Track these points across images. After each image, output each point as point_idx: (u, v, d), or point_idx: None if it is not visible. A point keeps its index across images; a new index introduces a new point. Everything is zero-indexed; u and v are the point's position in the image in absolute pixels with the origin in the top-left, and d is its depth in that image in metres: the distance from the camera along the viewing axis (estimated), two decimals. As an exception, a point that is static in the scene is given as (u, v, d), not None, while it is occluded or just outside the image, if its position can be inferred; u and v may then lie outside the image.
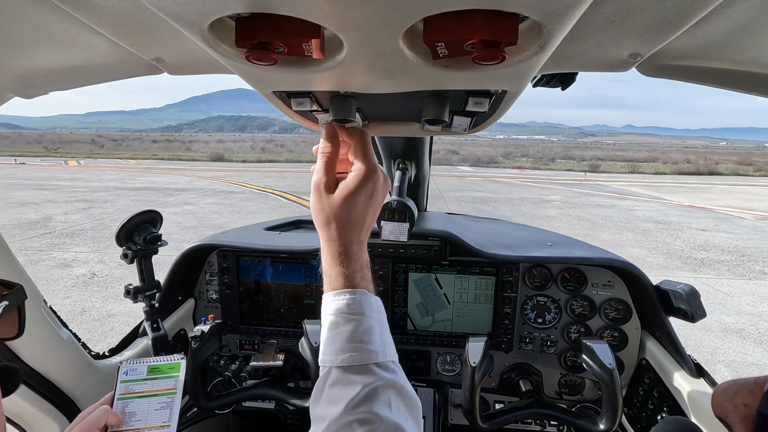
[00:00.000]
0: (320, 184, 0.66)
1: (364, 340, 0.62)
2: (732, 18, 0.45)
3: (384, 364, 0.62)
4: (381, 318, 0.66)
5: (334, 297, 0.65)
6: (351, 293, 0.64)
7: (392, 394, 0.59)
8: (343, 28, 0.38)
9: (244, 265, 1.65)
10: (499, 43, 0.38)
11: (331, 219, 0.66)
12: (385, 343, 0.64)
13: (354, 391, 0.58)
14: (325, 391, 0.61)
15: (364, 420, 0.56)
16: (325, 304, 0.66)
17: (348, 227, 0.66)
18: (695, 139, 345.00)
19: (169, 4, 0.35)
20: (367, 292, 0.65)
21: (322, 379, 0.62)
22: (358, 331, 0.62)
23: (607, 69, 0.60)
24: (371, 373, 0.60)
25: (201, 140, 67.44)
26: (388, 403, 0.58)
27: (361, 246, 0.68)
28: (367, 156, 0.67)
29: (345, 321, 0.63)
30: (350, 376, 0.60)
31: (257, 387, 1.46)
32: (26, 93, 0.72)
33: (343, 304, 0.63)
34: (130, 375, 0.83)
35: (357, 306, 0.63)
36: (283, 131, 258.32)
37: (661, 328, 1.37)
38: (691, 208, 12.90)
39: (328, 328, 0.64)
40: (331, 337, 0.63)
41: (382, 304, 0.68)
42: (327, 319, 0.65)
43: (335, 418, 0.57)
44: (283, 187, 15.70)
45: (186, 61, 0.65)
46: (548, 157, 39.53)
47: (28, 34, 0.55)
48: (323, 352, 0.64)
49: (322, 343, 0.65)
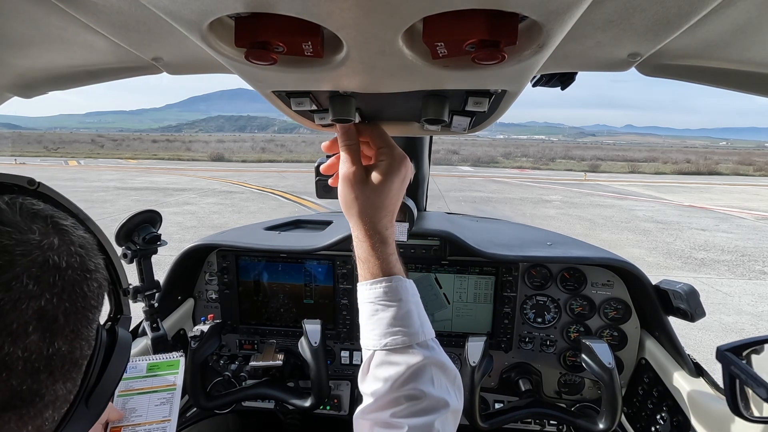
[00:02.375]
0: (351, 174, 0.69)
1: (404, 324, 0.65)
2: (732, 18, 0.45)
3: (424, 343, 0.66)
4: (416, 300, 0.69)
5: (371, 286, 0.68)
6: (387, 281, 0.67)
7: (434, 371, 0.64)
8: (342, 28, 0.38)
9: (244, 265, 1.65)
10: (499, 42, 0.38)
11: (367, 206, 0.69)
12: (423, 323, 0.68)
13: (399, 371, 0.63)
14: (371, 370, 0.66)
15: (410, 396, 0.61)
16: (363, 293, 0.69)
17: (382, 213, 0.69)
18: (695, 139, 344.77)
19: (168, 4, 0.35)
20: (402, 278, 0.69)
21: (366, 362, 0.67)
22: (397, 316, 0.65)
23: (607, 69, 0.60)
24: (413, 353, 0.64)
25: (201, 140, 67.52)
26: (431, 380, 0.63)
27: (392, 229, 0.72)
28: (393, 144, 0.71)
29: (384, 307, 0.66)
30: (394, 357, 0.64)
31: (257, 387, 1.46)
32: (25, 93, 0.72)
33: (380, 291, 0.67)
34: (130, 372, 0.83)
35: (394, 293, 0.67)
36: (283, 131, 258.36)
37: (660, 328, 1.37)
38: (691, 207, 12.90)
39: (368, 314, 0.68)
40: (372, 323, 0.67)
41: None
42: (366, 307, 0.68)
43: (383, 394, 0.63)
44: (283, 187, 15.70)
45: (185, 60, 0.65)
46: (548, 157, 39.55)
47: (28, 34, 0.55)
48: (365, 337, 0.68)
49: (364, 328, 0.69)
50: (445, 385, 0.64)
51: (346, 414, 1.66)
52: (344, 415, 1.66)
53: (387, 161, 0.69)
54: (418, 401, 0.60)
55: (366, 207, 0.68)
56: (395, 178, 0.69)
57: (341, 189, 0.70)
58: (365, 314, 0.69)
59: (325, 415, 1.67)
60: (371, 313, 0.67)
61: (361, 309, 0.70)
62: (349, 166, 0.69)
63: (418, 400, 0.61)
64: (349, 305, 1.63)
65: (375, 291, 0.67)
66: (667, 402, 1.24)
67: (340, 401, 1.67)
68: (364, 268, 0.69)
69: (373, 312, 0.67)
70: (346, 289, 1.62)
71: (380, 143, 0.71)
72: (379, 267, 0.68)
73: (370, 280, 0.68)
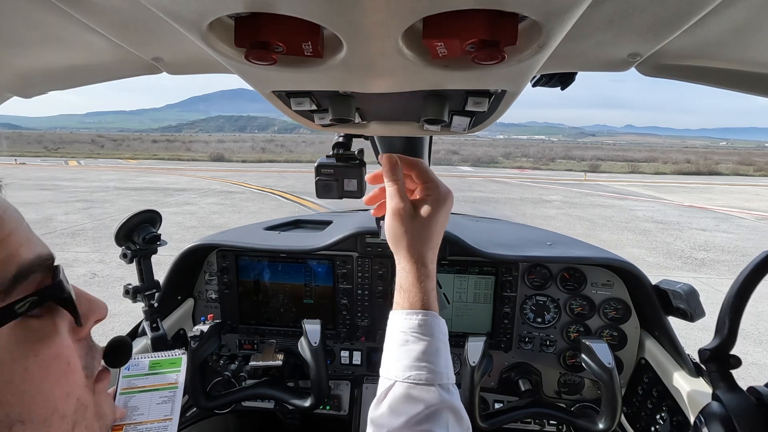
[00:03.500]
0: (401, 209, 0.71)
1: (432, 361, 0.65)
2: (732, 17, 0.45)
3: (446, 386, 0.65)
4: (445, 341, 0.70)
5: (407, 316, 0.68)
6: (424, 314, 0.68)
7: (450, 417, 0.63)
8: (342, 28, 0.38)
9: (244, 265, 1.65)
10: (499, 42, 0.38)
11: (416, 240, 0.71)
12: (448, 366, 0.68)
13: (417, 409, 0.62)
14: (387, 401, 0.65)
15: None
16: (397, 321, 0.70)
17: (429, 246, 0.72)
18: (695, 139, 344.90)
19: (167, 4, 0.35)
20: (437, 315, 0.69)
21: (384, 391, 0.66)
22: (426, 351, 0.65)
23: (607, 69, 0.60)
24: (434, 393, 0.63)
25: (201, 140, 67.53)
26: (446, 425, 0.62)
27: (435, 264, 0.74)
28: (438, 179, 0.75)
29: (416, 340, 0.66)
30: (414, 393, 0.63)
31: (257, 387, 1.46)
32: (25, 92, 0.71)
33: (415, 323, 0.67)
34: (132, 370, 0.83)
35: (428, 327, 0.67)
36: (283, 131, 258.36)
37: (660, 328, 1.37)
38: (691, 208, 12.90)
39: (398, 344, 0.68)
40: (400, 353, 0.67)
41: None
42: (397, 336, 0.68)
43: (394, 429, 0.61)
44: (283, 187, 15.70)
45: (185, 60, 0.65)
46: (548, 157, 39.54)
47: (27, 33, 0.54)
48: (389, 365, 0.68)
49: (389, 356, 0.69)
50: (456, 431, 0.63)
51: (345, 414, 1.66)
52: (344, 415, 1.66)
53: (434, 196, 0.72)
54: None
55: (415, 240, 0.71)
56: (442, 211, 0.72)
57: (391, 223, 0.72)
58: (395, 343, 0.68)
59: (325, 415, 1.67)
60: (401, 342, 0.67)
61: (390, 337, 0.70)
62: (398, 201, 0.72)
63: None
64: (348, 305, 1.63)
65: (410, 322, 0.67)
66: (667, 402, 1.24)
67: (339, 401, 1.67)
68: (404, 297, 0.70)
69: (404, 342, 0.67)
70: (346, 289, 1.62)
71: (426, 178, 0.74)
72: (420, 299, 0.68)
73: (408, 310, 0.68)
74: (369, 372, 1.71)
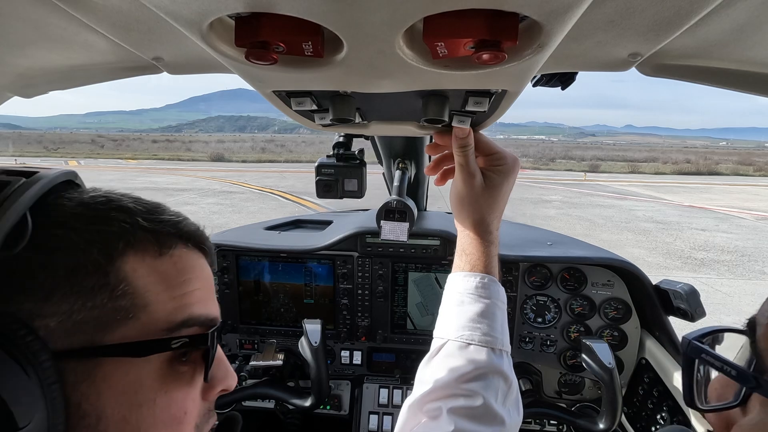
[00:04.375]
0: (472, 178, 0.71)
1: (487, 324, 0.64)
2: (732, 17, 0.45)
3: (499, 352, 0.64)
4: (504, 308, 0.69)
5: (465, 277, 0.68)
6: (482, 277, 0.67)
7: (501, 384, 0.62)
8: (342, 28, 0.38)
9: (244, 265, 1.65)
10: (499, 42, 0.38)
11: (484, 206, 0.71)
12: (504, 333, 0.66)
13: (467, 368, 0.60)
14: (438, 359, 0.64)
15: (469, 395, 0.59)
16: (455, 281, 0.69)
17: (496, 213, 0.72)
18: (695, 139, 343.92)
19: (168, 4, 0.35)
20: (497, 281, 0.68)
21: (436, 349, 0.65)
22: (482, 313, 0.64)
23: (607, 68, 0.60)
24: (487, 355, 0.62)
25: (201, 140, 67.50)
26: (496, 392, 0.61)
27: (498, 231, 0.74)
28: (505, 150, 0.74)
29: (472, 301, 0.65)
30: (466, 353, 0.62)
31: (257, 386, 1.46)
32: (25, 92, 0.72)
33: (472, 285, 0.66)
34: None
35: (486, 290, 0.66)
36: (283, 131, 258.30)
37: (660, 328, 1.37)
38: (691, 208, 12.90)
39: (453, 304, 0.67)
40: (455, 313, 0.66)
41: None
42: (454, 296, 0.68)
43: (442, 385, 0.60)
44: (283, 187, 15.70)
45: (186, 60, 0.65)
46: (548, 157, 39.53)
47: (28, 34, 0.55)
48: (443, 325, 0.67)
49: (444, 317, 0.68)
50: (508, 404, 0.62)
51: (346, 414, 1.66)
52: (344, 415, 1.66)
53: (504, 166, 0.73)
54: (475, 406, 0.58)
55: (483, 208, 0.71)
56: (510, 180, 0.73)
57: (460, 190, 0.73)
58: (451, 303, 0.68)
59: (326, 415, 1.67)
60: (457, 303, 0.66)
61: (447, 297, 0.69)
62: (470, 169, 0.71)
63: (475, 403, 0.58)
64: (349, 305, 1.63)
65: (468, 282, 0.67)
66: (668, 402, 1.24)
67: (340, 401, 1.67)
68: (464, 259, 0.70)
69: (459, 303, 0.66)
70: (347, 289, 1.62)
71: (490, 149, 0.74)
72: (482, 262, 0.68)
73: (467, 271, 0.68)
74: (369, 372, 1.71)
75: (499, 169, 0.73)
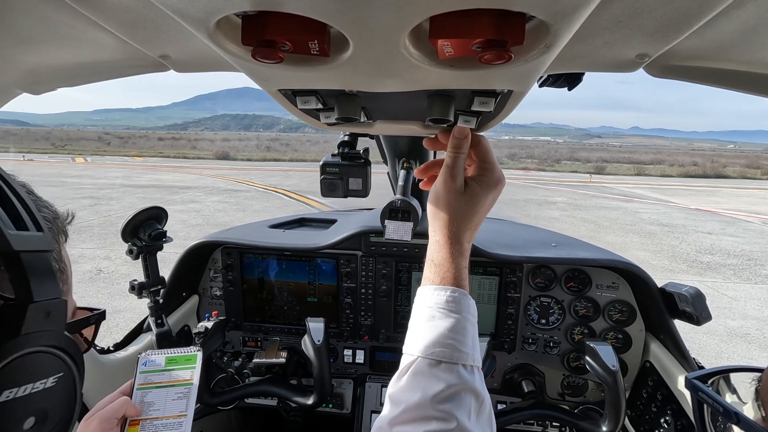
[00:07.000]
0: (451, 183, 0.70)
1: (458, 340, 0.62)
2: (741, 19, 0.44)
3: (470, 368, 0.62)
4: (474, 322, 0.67)
5: (435, 291, 0.66)
6: (453, 291, 0.65)
7: (473, 402, 0.60)
8: (348, 27, 0.38)
9: (248, 263, 1.66)
10: (506, 42, 0.38)
11: (458, 216, 0.69)
12: (475, 348, 0.65)
13: (438, 387, 0.59)
14: (407, 377, 0.62)
15: (442, 419, 0.57)
16: (424, 295, 0.68)
17: (469, 225, 0.70)
18: (702, 142, 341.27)
19: (176, 2, 0.36)
20: (468, 294, 0.67)
21: (406, 366, 0.63)
22: (453, 329, 0.63)
23: (615, 69, 0.59)
24: (458, 373, 0.60)
25: (207, 138, 67.80)
26: (468, 411, 0.59)
27: (470, 244, 0.72)
28: (496, 162, 0.73)
29: (442, 316, 0.64)
30: (437, 371, 0.61)
31: (260, 384, 1.46)
32: (34, 89, 0.72)
33: (443, 299, 0.65)
34: (149, 366, 0.84)
35: (457, 304, 0.65)
36: (288, 130, 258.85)
37: (665, 331, 1.36)
38: (698, 211, 12.79)
39: (423, 319, 0.65)
40: (425, 329, 0.64)
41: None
42: (424, 311, 0.66)
43: (412, 405, 0.59)
44: (287, 185, 15.73)
45: (192, 58, 0.65)
46: (553, 159, 39.31)
47: (37, 31, 0.55)
48: (412, 341, 0.65)
49: (413, 332, 0.66)
50: (478, 417, 0.61)
51: (348, 412, 1.66)
52: (346, 414, 1.66)
53: (487, 178, 0.71)
54: (449, 429, 0.56)
55: (456, 216, 0.69)
56: (491, 195, 0.71)
57: (437, 192, 0.71)
58: (420, 318, 0.66)
59: (328, 414, 1.68)
60: (427, 318, 0.65)
61: (417, 312, 0.68)
62: (452, 174, 0.70)
63: (449, 426, 0.57)
64: (352, 304, 1.63)
65: (438, 297, 0.65)
66: (672, 406, 1.23)
67: (342, 399, 1.67)
68: (434, 272, 0.68)
69: (430, 318, 0.64)
70: (350, 288, 1.63)
71: (484, 158, 0.72)
72: (451, 275, 0.66)
73: (437, 284, 0.66)
74: (372, 371, 1.71)
75: (483, 179, 0.71)
